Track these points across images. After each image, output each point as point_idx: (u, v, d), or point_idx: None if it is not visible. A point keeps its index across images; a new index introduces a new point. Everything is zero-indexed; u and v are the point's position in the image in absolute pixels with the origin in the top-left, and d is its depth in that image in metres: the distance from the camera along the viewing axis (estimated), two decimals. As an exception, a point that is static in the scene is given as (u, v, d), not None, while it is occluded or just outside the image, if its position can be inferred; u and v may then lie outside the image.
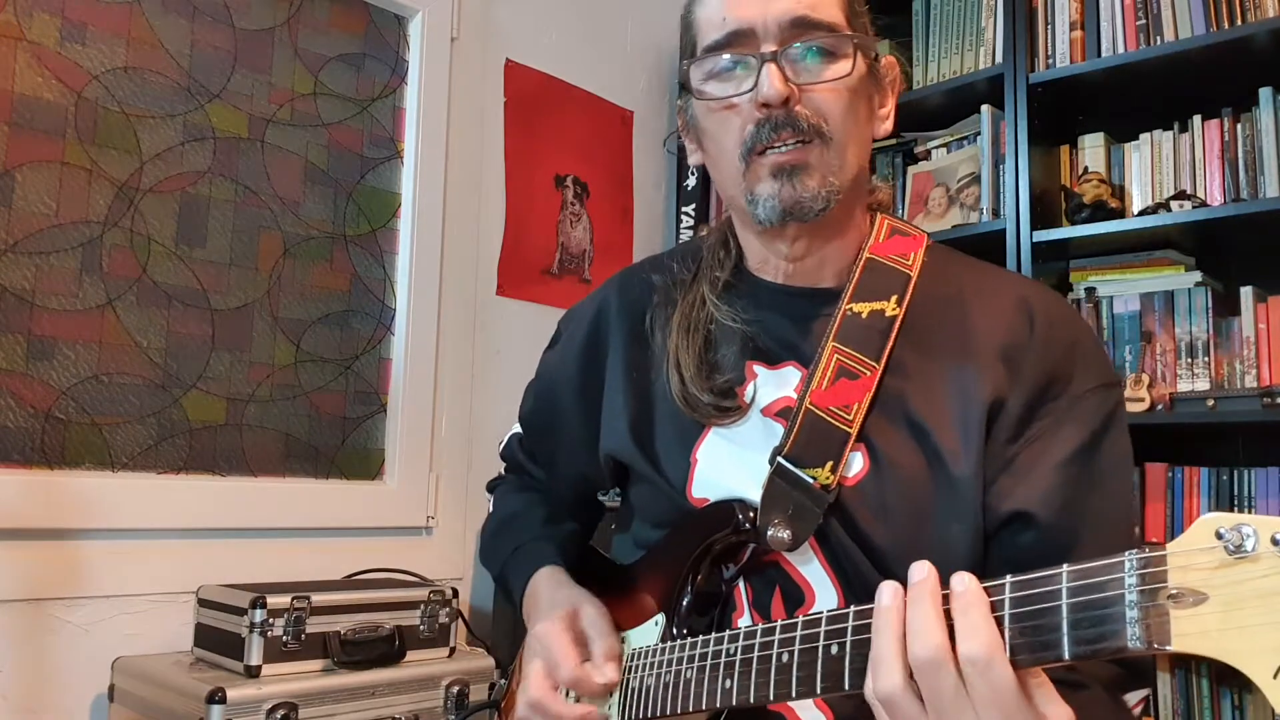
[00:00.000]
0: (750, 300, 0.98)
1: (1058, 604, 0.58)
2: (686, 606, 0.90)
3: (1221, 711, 1.93)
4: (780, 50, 0.86)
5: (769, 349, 0.95)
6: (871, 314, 0.91)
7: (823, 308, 0.94)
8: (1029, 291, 0.93)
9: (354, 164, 2.19)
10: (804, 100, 0.87)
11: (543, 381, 1.16)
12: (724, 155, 0.92)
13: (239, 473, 1.96)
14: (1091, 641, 0.56)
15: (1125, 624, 0.54)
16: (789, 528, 0.84)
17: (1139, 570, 0.54)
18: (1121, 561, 0.55)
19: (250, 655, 1.54)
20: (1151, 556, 0.54)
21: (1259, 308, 2.02)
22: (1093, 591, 0.56)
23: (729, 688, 0.79)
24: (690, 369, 0.95)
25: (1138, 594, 0.54)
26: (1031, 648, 0.59)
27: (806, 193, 0.87)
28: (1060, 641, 0.57)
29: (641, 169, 2.80)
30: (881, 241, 0.96)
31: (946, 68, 2.43)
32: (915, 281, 0.93)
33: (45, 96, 1.76)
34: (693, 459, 0.94)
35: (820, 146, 0.87)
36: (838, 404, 0.87)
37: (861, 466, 0.87)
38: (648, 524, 1.00)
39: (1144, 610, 0.54)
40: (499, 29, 2.47)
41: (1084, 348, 0.90)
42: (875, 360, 0.89)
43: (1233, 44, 1.97)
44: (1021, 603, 0.60)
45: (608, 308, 1.08)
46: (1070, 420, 0.85)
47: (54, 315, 1.75)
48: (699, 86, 0.92)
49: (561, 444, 1.12)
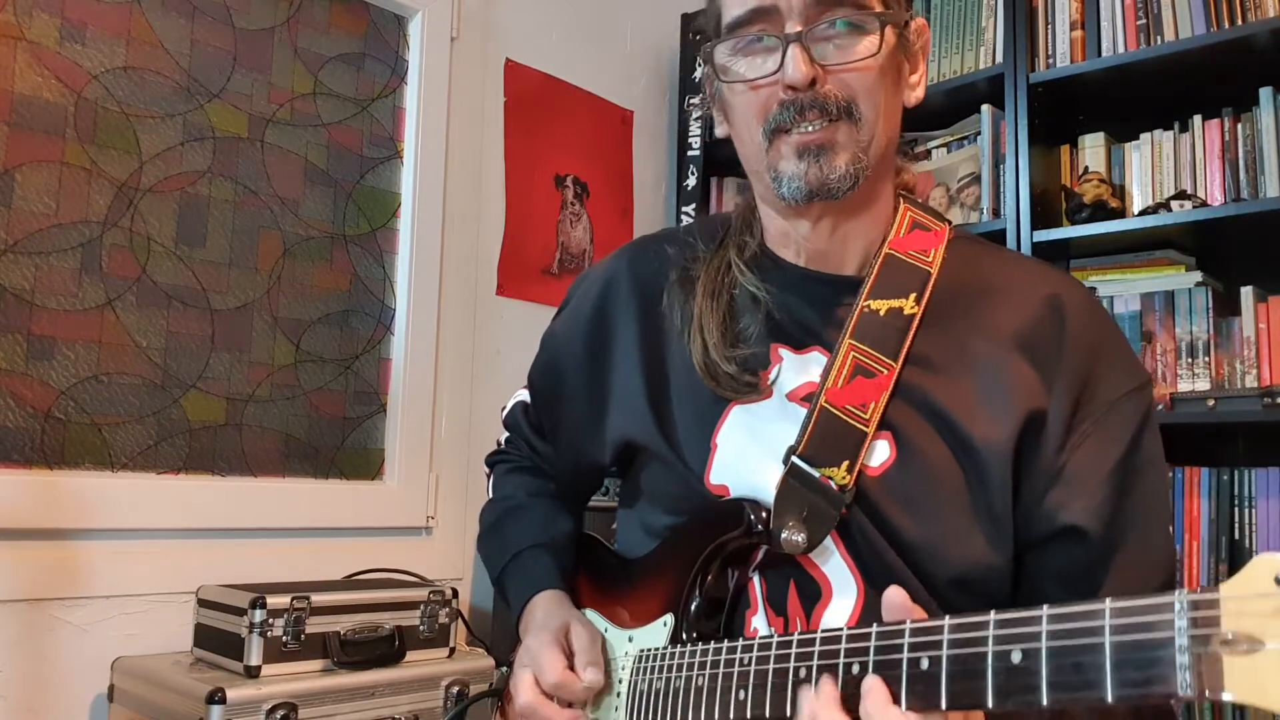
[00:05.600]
0: (774, 277, 0.96)
1: (1100, 641, 0.55)
2: (696, 609, 0.89)
3: (1222, 711, 1.93)
4: (806, 30, 0.84)
5: (793, 332, 0.93)
6: (889, 312, 0.89)
7: (844, 296, 0.92)
8: (1059, 287, 0.90)
9: (354, 164, 2.19)
10: (831, 79, 0.85)
11: (548, 350, 1.13)
12: (747, 132, 0.90)
13: (239, 473, 1.96)
14: (1138, 685, 0.53)
15: (1175, 669, 0.52)
16: (804, 531, 0.82)
17: (1190, 614, 0.52)
18: (1171, 602, 0.53)
19: (250, 655, 1.54)
20: (1203, 599, 0.51)
21: (1259, 308, 2.02)
22: (1140, 631, 0.54)
23: (743, 700, 0.78)
24: (714, 335, 0.93)
25: (1189, 638, 0.51)
26: (1071, 686, 0.56)
27: (834, 173, 0.86)
28: (1103, 681, 0.54)
29: (641, 169, 2.80)
30: (902, 236, 0.94)
31: (946, 67, 2.43)
32: (935, 279, 0.91)
33: (45, 96, 1.76)
34: (713, 443, 0.91)
35: (849, 125, 0.86)
36: (854, 403, 0.86)
37: (888, 456, 0.85)
38: (659, 508, 0.97)
39: (1195, 656, 0.51)
40: (499, 29, 2.47)
41: (1113, 347, 0.88)
42: (893, 359, 0.87)
43: (1233, 44, 1.97)
44: (1060, 636, 0.57)
45: (618, 281, 1.05)
46: (1110, 426, 0.84)
47: (54, 315, 1.75)
48: (723, 64, 0.90)
49: (565, 414, 1.09)
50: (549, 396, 1.12)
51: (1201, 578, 1.97)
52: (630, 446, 1.00)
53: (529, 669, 0.93)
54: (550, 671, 0.91)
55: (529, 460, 1.17)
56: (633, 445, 0.99)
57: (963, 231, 0.97)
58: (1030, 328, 0.87)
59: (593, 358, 1.04)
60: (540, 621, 0.99)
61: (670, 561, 0.93)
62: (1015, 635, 0.59)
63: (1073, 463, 0.83)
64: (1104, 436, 0.84)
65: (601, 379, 1.03)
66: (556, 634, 0.95)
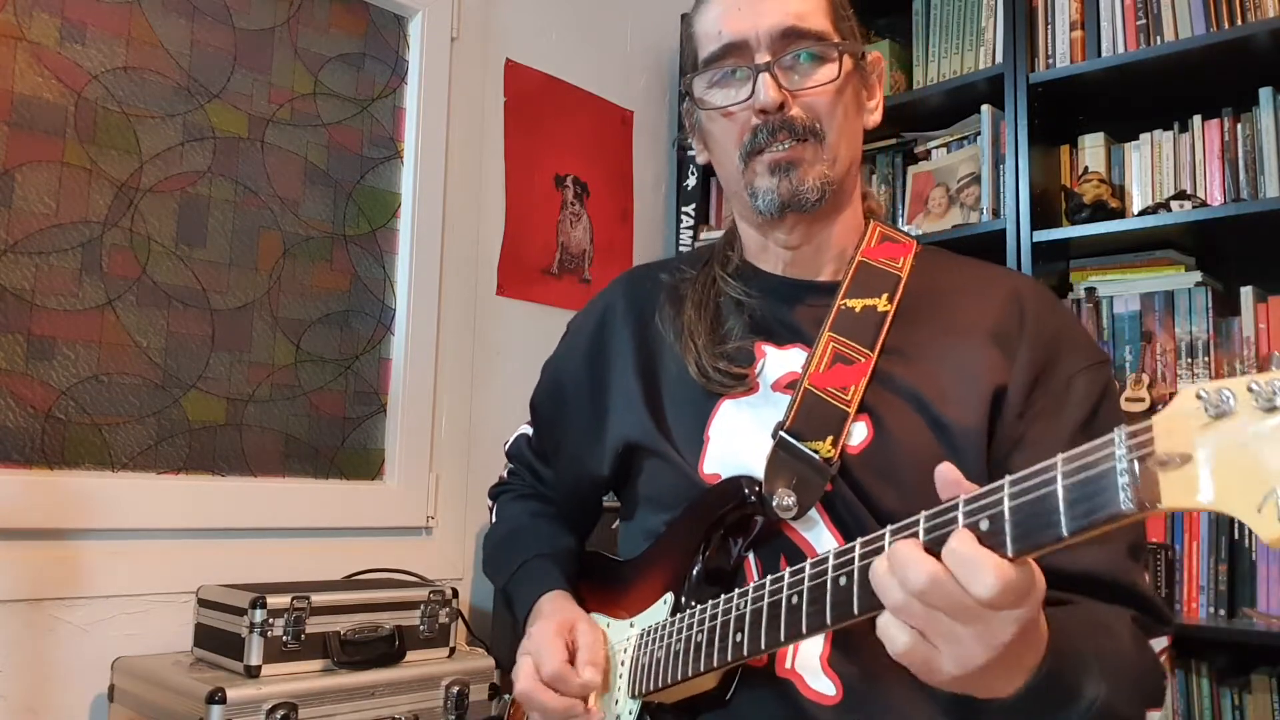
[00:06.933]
0: (755, 285, 1.05)
1: (1053, 488, 0.60)
2: (696, 577, 0.93)
3: (1222, 711, 1.93)
4: (774, 60, 0.95)
5: (775, 330, 1.01)
6: (865, 309, 0.97)
7: (821, 298, 1.01)
8: (1019, 284, 1.00)
9: (354, 164, 2.19)
10: (797, 104, 0.96)
11: (550, 373, 1.21)
12: (726, 156, 1.01)
13: (239, 473, 1.96)
14: (1087, 513, 0.58)
15: (1117, 490, 0.57)
16: (794, 494, 0.89)
17: (1127, 441, 0.57)
18: (1111, 439, 0.58)
19: (250, 655, 1.54)
20: (1138, 428, 0.56)
21: (1259, 308, 2.02)
22: (1086, 470, 0.59)
23: (739, 641, 0.82)
24: (703, 338, 1.01)
25: (1127, 463, 0.56)
26: (1030, 532, 0.61)
27: (803, 185, 0.96)
28: (1059, 521, 0.59)
29: (641, 169, 2.80)
30: (873, 246, 1.03)
31: (946, 68, 2.43)
32: (905, 281, 0.99)
33: (45, 96, 1.76)
34: (705, 436, 0.98)
35: (814, 144, 0.96)
36: (836, 385, 0.93)
37: (865, 436, 0.92)
38: (656, 510, 1.02)
39: (1133, 476, 0.56)
40: (499, 29, 2.47)
41: (1071, 332, 0.97)
42: (869, 348, 0.95)
43: (1233, 44, 1.97)
44: (1020, 494, 0.62)
45: (614, 307, 1.14)
46: (1070, 396, 0.91)
47: (54, 315, 1.75)
48: (701, 96, 1.01)
49: (567, 433, 1.16)
50: (551, 415, 1.19)
51: (1201, 578, 1.97)
52: (629, 449, 1.05)
53: (530, 656, 0.96)
54: (550, 662, 0.94)
55: (531, 488, 1.24)
56: (631, 446, 1.04)
57: (929, 246, 1.07)
58: (994, 318, 0.95)
59: (593, 374, 1.12)
60: (546, 614, 1.02)
61: (668, 549, 0.98)
62: (981, 506, 0.64)
63: (1033, 429, 0.90)
64: (1064, 405, 0.91)
65: (601, 393, 1.10)
66: (561, 626, 0.98)
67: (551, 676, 0.93)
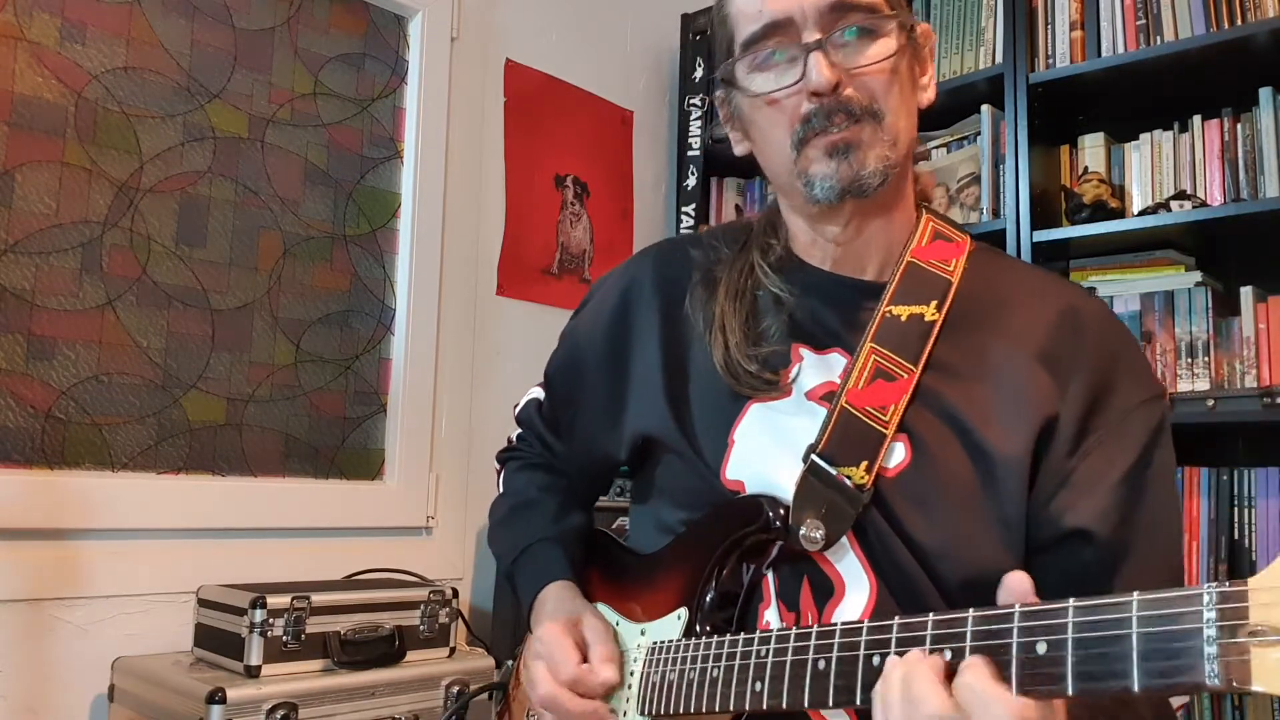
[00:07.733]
0: (797, 280, 0.97)
1: (1128, 632, 0.55)
2: (711, 602, 0.89)
3: (1222, 712, 1.93)
4: (825, 38, 0.86)
5: (814, 333, 0.95)
6: (911, 317, 0.91)
7: (866, 300, 0.94)
8: (1076, 299, 0.92)
9: (354, 164, 2.19)
10: (852, 83, 0.87)
11: (568, 346, 1.14)
12: (773, 145, 0.92)
13: (239, 473, 1.96)
14: (1165, 675, 0.53)
15: (1202, 660, 0.52)
16: (821, 527, 0.83)
17: (1218, 605, 0.52)
18: (1200, 594, 0.53)
19: (250, 655, 1.54)
20: (1232, 591, 0.52)
21: (1259, 308, 2.01)
22: (1167, 623, 0.54)
23: (759, 690, 0.78)
24: (736, 334, 0.94)
25: (1216, 629, 0.51)
26: (1096, 675, 0.57)
27: (864, 169, 0.88)
28: (1129, 671, 0.55)
29: (641, 169, 2.80)
30: (924, 245, 0.96)
31: (946, 68, 2.43)
32: (956, 287, 0.92)
33: (45, 96, 1.76)
34: (730, 439, 0.93)
35: (873, 125, 0.88)
36: (874, 404, 0.87)
37: (903, 458, 0.86)
38: (673, 504, 0.98)
39: (1223, 647, 0.51)
40: (499, 29, 2.47)
41: (1129, 358, 0.90)
42: (913, 363, 0.88)
43: (1233, 44, 1.97)
44: (1087, 627, 0.58)
45: (641, 280, 1.06)
46: (1122, 435, 0.86)
47: (54, 315, 1.75)
48: (744, 82, 0.92)
49: (582, 411, 1.10)
50: (567, 391, 1.13)
51: (1201, 578, 1.97)
52: (647, 441, 1.00)
53: (543, 661, 0.94)
54: (565, 666, 0.91)
55: (540, 457, 1.18)
56: (650, 440, 1.00)
57: (983, 244, 0.99)
58: (1048, 337, 0.89)
59: (613, 353, 1.05)
60: (551, 612, 0.99)
61: (685, 556, 0.94)
62: (1041, 627, 0.60)
63: (1083, 467, 0.84)
64: (1116, 444, 0.85)
65: (621, 374, 1.03)
66: (567, 625, 0.95)
67: (570, 681, 0.91)
